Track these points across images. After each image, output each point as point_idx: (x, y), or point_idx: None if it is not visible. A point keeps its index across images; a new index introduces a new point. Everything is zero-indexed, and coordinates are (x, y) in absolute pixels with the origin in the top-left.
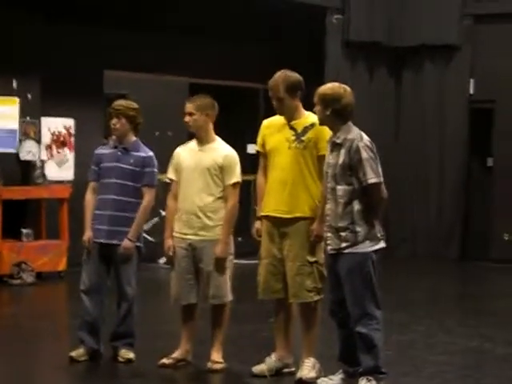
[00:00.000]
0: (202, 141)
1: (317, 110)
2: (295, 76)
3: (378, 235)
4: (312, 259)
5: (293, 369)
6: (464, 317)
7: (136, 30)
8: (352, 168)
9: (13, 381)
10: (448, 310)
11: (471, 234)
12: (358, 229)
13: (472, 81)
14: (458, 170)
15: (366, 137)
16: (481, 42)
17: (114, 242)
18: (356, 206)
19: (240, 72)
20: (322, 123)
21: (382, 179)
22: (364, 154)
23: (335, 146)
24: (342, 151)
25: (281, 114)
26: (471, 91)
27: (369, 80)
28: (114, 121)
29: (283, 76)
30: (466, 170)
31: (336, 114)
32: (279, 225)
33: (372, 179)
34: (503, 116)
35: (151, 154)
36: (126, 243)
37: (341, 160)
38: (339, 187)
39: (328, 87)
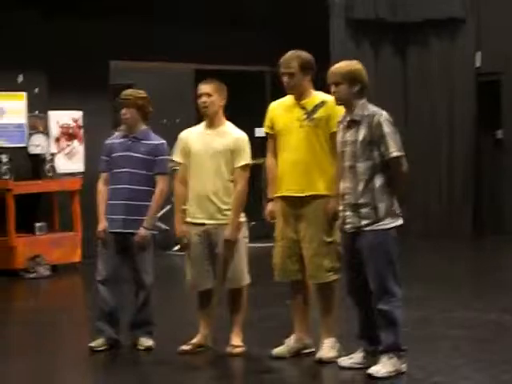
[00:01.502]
0: (213, 124)
1: (340, 89)
2: (308, 55)
3: (397, 212)
4: (329, 239)
5: (312, 349)
6: (481, 291)
7: (139, 19)
8: (373, 143)
9: (35, 374)
10: (464, 285)
11: (483, 208)
12: (379, 205)
13: (478, 53)
14: (468, 143)
15: (384, 111)
16: (485, 14)
17: (130, 231)
18: (378, 181)
19: (245, 55)
20: (342, 102)
21: (403, 152)
22: (386, 128)
23: (352, 123)
24: (362, 127)
25: (291, 91)
26: (478, 64)
27: (374, 57)
28: (124, 110)
29: (297, 53)
30: (476, 143)
31: (362, 89)
32: (294, 206)
33: (395, 152)
34: (511, 87)
35: (163, 141)
36: (141, 232)
37: (361, 136)
38: (359, 164)
39: (348, 64)
